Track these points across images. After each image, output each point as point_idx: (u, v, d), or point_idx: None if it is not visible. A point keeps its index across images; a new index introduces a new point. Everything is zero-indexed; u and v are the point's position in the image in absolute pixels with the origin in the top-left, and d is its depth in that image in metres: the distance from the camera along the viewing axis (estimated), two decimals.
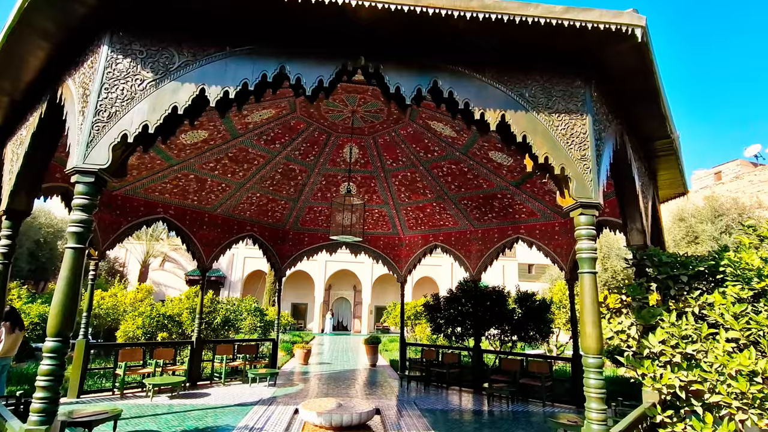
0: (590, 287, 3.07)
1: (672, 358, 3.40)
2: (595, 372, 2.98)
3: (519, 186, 8.54)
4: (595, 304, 3.02)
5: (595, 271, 3.12)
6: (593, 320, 2.99)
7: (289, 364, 13.28)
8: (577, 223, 3.20)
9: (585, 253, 3.12)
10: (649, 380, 3.49)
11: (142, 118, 2.77)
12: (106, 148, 2.68)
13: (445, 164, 8.87)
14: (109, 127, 2.72)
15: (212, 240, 9.70)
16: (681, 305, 3.89)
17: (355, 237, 7.13)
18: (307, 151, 8.98)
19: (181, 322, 9.65)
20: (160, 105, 2.81)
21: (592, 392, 2.97)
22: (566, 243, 8.82)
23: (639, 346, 3.59)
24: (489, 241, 10.11)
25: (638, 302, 3.80)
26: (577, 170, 3.09)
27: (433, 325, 11.33)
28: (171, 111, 2.81)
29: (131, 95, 2.80)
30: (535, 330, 10.25)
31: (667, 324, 3.49)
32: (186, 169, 8.29)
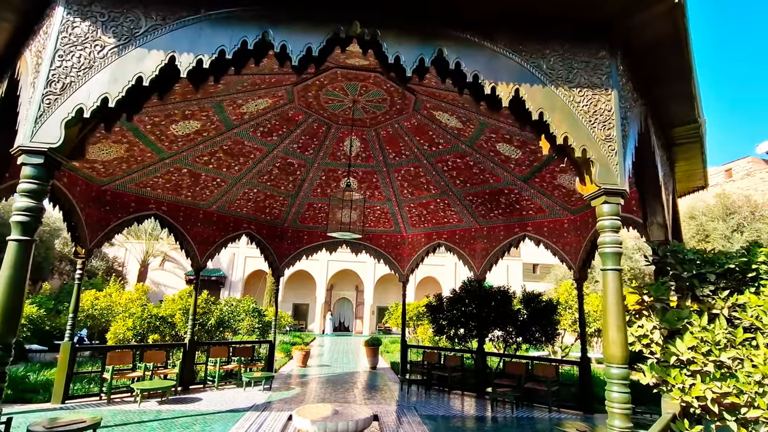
0: (615, 286, 2.67)
1: (703, 366, 2.99)
2: (619, 384, 2.57)
3: (527, 181, 8.13)
4: (620, 305, 2.63)
5: (620, 267, 2.73)
6: (618, 324, 2.59)
7: (287, 366, 12.92)
8: (599, 213, 2.80)
9: (609, 246, 2.72)
10: (677, 391, 3.09)
11: (101, 90, 2.41)
12: (58, 124, 2.32)
13: (450, 158, 8.48)
14: (62, 101, 2.36)
15: (207, 238, 9.35)
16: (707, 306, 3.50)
17: (355, 234, 6.76)
18: (306, 144, 8.61)
19: (174, 323, 9.30)
20: (122, 75, 2.44)
21: (616, 407, 2.57)
22: (575, 241, 8.41)
23: (664, 353, 3.19)
24: (494, 239, 9.71)
25: (662, 303, 3.40)
26: (601, 152, 2.70)
27: (435, 326, 10.94)
28: (135, 82, 2.45)
29: (89, 64, 2.43)
30: (541, 332, 9.85)
31: (697, 328, 3.09)
32: (179, 162, 7.94)
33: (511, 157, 7.64)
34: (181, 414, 6.56)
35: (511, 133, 6.89)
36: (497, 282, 24.32)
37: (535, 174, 7.80)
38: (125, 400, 7.46)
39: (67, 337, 7.39)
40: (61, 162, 2.45)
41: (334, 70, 6.33)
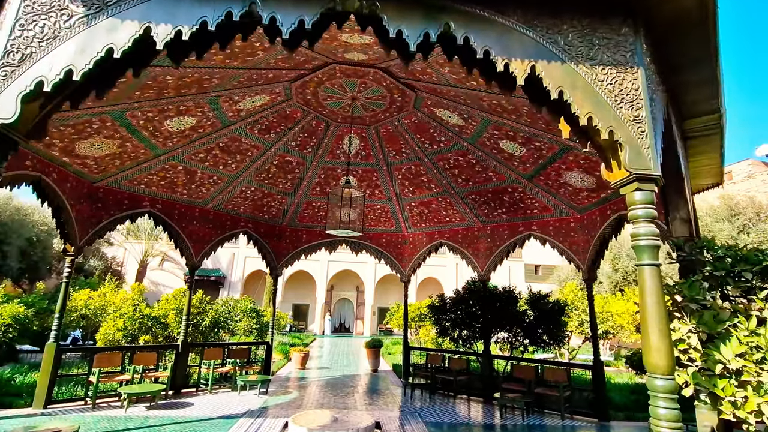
0: (654, 284, 2.39)
1: (756, 376, 2.68)
2: (666, 399, 2.21)
3: (532, 179, 7.86)
4: (662, 305, 2.34)
5: (658, 262, 2.44)
6: (660, 328, 2.28)
7: (285, 368, 12.63)
8: (630, 203, 2.52)
9: (644, 239, 2.44)
10: (728, 405, 2.77)
11: (65, 62, 2.14)
12: (13, 98, 2.06)
13: (452, 156, 8.20)
14: (20, 72, 2.10)
15: (203, 236, 9.08)
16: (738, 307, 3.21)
17: (355, 232, 6.49)
18: (305, 142, 8.35)
19: (167, 323, 9.03)
20: (91, 47, 2.18)
21: (664, 426, 2.21)
22: (583, 240, 8.12)
23: (705, 360, 2.89)
24: (498, 238, 9.43)
25: (697, 304, 3.11)
26: (630, 134, 2.42)
27: (438, 327, 10.64)
28: (105, 54, 2.18)
29: (53, 34, 2.17)
30: (548, 334, 9.55)
31: (744, 332, 2.79)
32: (174, 159, 7.68)
33: (514, 155, 7.37)
34: (169, 421, 6.27)
35: (515, 130, 6.62)
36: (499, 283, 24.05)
37: (539, 172, 7.52)
38: (112, 405, 7.18)
39: (52, 338, 7.12)
40: (16, 140, 2.19)
41: (333, 66, 6.09)
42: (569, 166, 6.85)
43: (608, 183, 6.23)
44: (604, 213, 7.39)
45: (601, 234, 7.52)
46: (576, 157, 6.52)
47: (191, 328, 9.10)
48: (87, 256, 25.14)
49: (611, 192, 6.93)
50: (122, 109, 5.86)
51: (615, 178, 2.57)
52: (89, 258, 25.06)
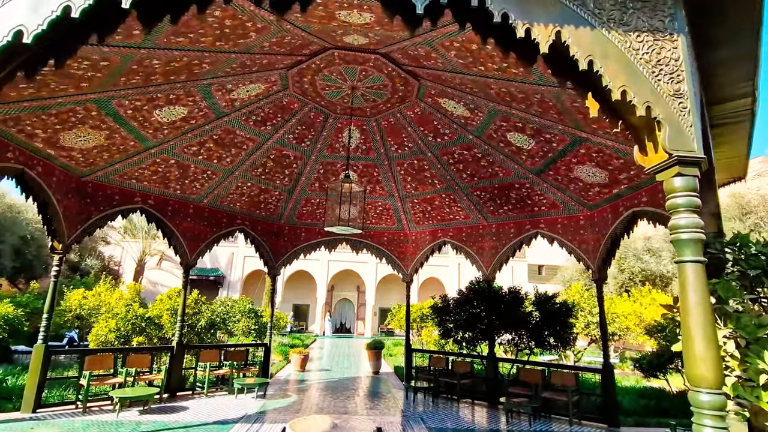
0: (698, 283, 2.05)
1: None
2: (713, 417, 1.86)
3: (540, 174, 7.52)
4: (708, 308, 2.00)
5: (702, 259, 2.11)
6: (706, 334, 1.94)
7: (284, 370, 12.32)
8: (669, 190, 2.18)
9: (686, 231, 2.11)
10: None
11: (15, 22, 1.82)
12: None
13: (457, 150, 7.88)
14: None
15: (197, 234, 8.77)
16: None
17: (355, 229, 6.16)
18: (303, 134, 8.03)
19: (161, 324, 8.72)
20: (45, 5, 1.86)
21: None
22: (593, 238, 7.79)
23: (746, 369, 2.56)
24: (504, 236, 9.09)
25: (732, 306, 2.78)
26: (670, 110, 2.09)
27: (441, 329, 10.32)
28: (62, 14, 1.86)
29: None
30: (555, 336, 9.23)
31: None
32: (165, 152, 7.37)
33: (522, 148, 7.04)
34: (162, 426, 5.96)
35: (524, 121, 6.29)
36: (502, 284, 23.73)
37: (549, 166, 7.19)
38: (103, 409, 6.88)
39: (40, 339, 6.81)
40: None
41: (331, 52, 5.76)
42: (581, 159, 6.52)
43: (621, 178, 5.87)
44: (616, 210, 7.06)
45: (612, 232, 7.18)
46: (588, 150, 6.18)
47: (186, 329, 8.79)
48: (83, 255, 24.88)
49: (624, 188, 6.60)
50: (108, 97, 5.55)
51: (651, 162, 2.24)
52: (86, 257, 24.79)
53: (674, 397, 9.53)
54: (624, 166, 6.10)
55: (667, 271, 23.04)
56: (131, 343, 8.47)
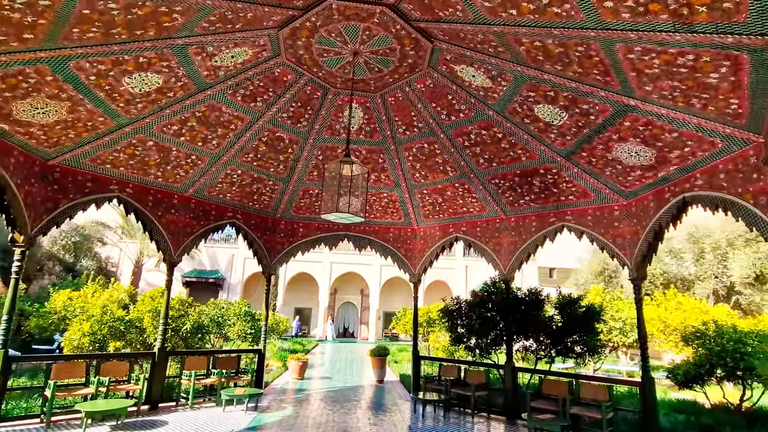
0: None
1: None
2: None
3: (571, 156, 6.54)
4: None
5: None
6: None
7: (281, 378, 11.36)
8: None
9: None
10: None
11: None
12: None
13: (474, 129, 6.93)
14: None
15: (182, 227, 7.87)
16: None
17: (356, 217, 5.21)
18: (298, 113, 7.13)
19: (143, 328, 7.81)
20: None
21: None
22: (630, 231, 6.80)
23: None
24: (525, 231, 8.11)
25: None
26: None
27: (453, 334, 9.32)
28: None
29: None
30: (580, 343, 8.21)
31: None
32: (142, 132, 6.48)
33: (552, 124, 6.07)
34: None
35: (557, 88, 5.32)
36: None
37: (582, 146, 6.20)
38: (71, 424, 5.97)
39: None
40: None
41: (329, 3, 4.84)
42: (623, 135, 5.54)
43: (672, 157, 4.79)
44: (661, 197, 6.06)
45: (655, 223, 6.19)
46: (635, 122, 5.20)
47: (170, 334, 7.87)
48: (79, 255, 24.11)
49: (674, 169, 5.61)
50: (63, 56, 4.65)
51: None
52: (81, 258, 24.02)
53: (713, 412, 8.48)
54: (677, 142, 5.11)
55: (689, 274, 21.89)
56: (107, 349, 7.55)
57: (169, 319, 7.76)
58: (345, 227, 9.62)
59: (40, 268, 23.04)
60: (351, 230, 9.68)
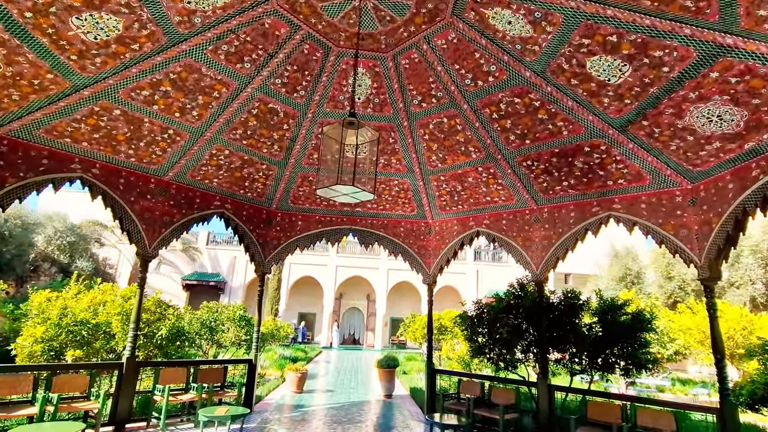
0: None
1: None
2: None
3: (626, 127, 5.32)
4: None
5: None
6: None
7: (278, 391, 10.15)
8: None
9: None
10: None
11: None
12: None
13: (505, 97, 5.73)
14: None
15: (160, 216, 6.74)
16: None
17: (363, 192, 4.01)
18: (294, 79, 5.99)
19: (113, 333, 6.67)
20: None
21: None
22: (698, 221, 5.53)
23: None
24: (561, 223, 6.87)
25: None
26: None
27: (473, 344, 8.06)
28: None
29: None
30: (628, 357, 6.93)
31: None
32: (105, 97, 5.37)
33: (607, 83, 4.85)
34: None
35: (623, 28, 4.12)
36: None
37: (644, 112, 4.97)
38: None
39: None
40: None
41: None
42: (706, 92, 4.30)
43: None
44: (745, 175, 4.81)
45: (737, 209, 4.92)
46: (727, 70, 3.97)
47: (142, 341, 6.72)
48: (75, 256, 23.20)
49: None
50: None
51: None
52: (77, 258, 23.09)
53: None
54: None
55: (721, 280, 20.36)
56: (64, 358, 6.41)
57: (143, 323, 6.63)
58: (349, 220, 8.45)
59: (35, 269, 22.16)
60: (356, 224, 8.51)
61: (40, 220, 20.63)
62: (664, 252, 21.38)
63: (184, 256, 28.69)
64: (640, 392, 12.54)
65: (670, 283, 19.37)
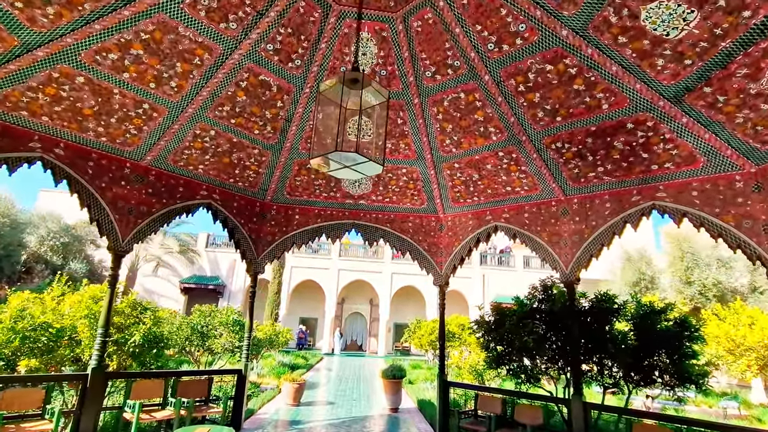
0: None
1: None
2: None
3: (682, 97, 4.45)
4: None
5: None
6: None
7: (273, 404, 9.26)
8: None
9: None
10: None
11: None
12: None
13: (535, 63, 4.88)
14: None
15: (135, 205, 5.91)
16: None
17: (371, 162, 3.16)
18: (289, 46, 5.17)
19: (78, 339, 5.82)
20: None
21: None
22: (764, 210, 4.65)
23: None
24: (595, 215, 5.99)
25: None
26: None
27: (490, 354, 7.17)
28: None
29: None
30: (672, 370, 6.02)
31: None
32: (65, 60, 4.57)
33: (666, 39, 3.99)
34: None
35: None
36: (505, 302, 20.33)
37: (708, 74, 4.11)
38: None
39: None
40: None
41: None
42: None
43: None
44: None
45: None
46: None
47: (113, 348, 5.86)
48: (68, 257, 22.43)
49: None
50: None
51: None
52: (70, 260, 22.32)
53: None
54: None
55: (741, 285, 19.37)
56: (17, 370, 5.55)
57: (114, 328, 5.79)
58: (352, 214, 7.60)
59: (27, 270, 21.44)
60: (360, 219, 7.65)
61: (33, 220, 19.90)
62: (682, 255, 20.41)
63: (183, 259, 27.89)
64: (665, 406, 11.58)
65: (689, 288, 18.37)
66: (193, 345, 10.31)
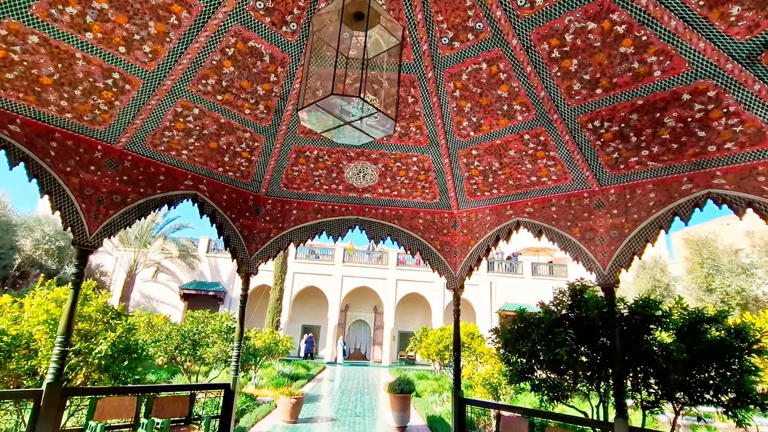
0: None
1: None
2: None
3: (758, 56, 3.64)
4: None
5: None
6: None
7: (267, 420, 8.40)
8: None
9: None
10: None
11: None
12: None
13: (573, 22, 4.09)
14: None
15: (107, 194, 5.15)
16: None
17: (379, 113, 2.38)
18: (282, 5, 4.43)
19: (35, 349, 5.02)
20: None
21: None
22: None
23: None
24: (637, 207, 5.16)
25: None
26: None
27: (511, 368, 6.30)
28: None
29: None
30: (732, 388, 5.15)
31: None
32: (12, 13, 3.84)
33: None
34: None
35: None
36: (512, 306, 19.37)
37: None
38: None
39: None
40: None
41: None
42: None
43: None
44: None
45: None
46: None
47: (76, 359, 5.06)
48: (63, 261, 21.76)
49: None
50: None
51: None
52: (66, 263, 21.65)
53: None
54: None
55: (763, 293, 18.35)
56: None
57: (78, 336, 5.00)
58: (356, 209, 6.81)
59: (22, 275, 20.82)
60: (364, 214, 6.86)
61: (29, 222, 19.29)
62: (702, 262, 19.45)
63: (183, 264, 27.20)
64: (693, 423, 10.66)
65: (710, 296, 17.37)
66: (183, 354, 9.50)
